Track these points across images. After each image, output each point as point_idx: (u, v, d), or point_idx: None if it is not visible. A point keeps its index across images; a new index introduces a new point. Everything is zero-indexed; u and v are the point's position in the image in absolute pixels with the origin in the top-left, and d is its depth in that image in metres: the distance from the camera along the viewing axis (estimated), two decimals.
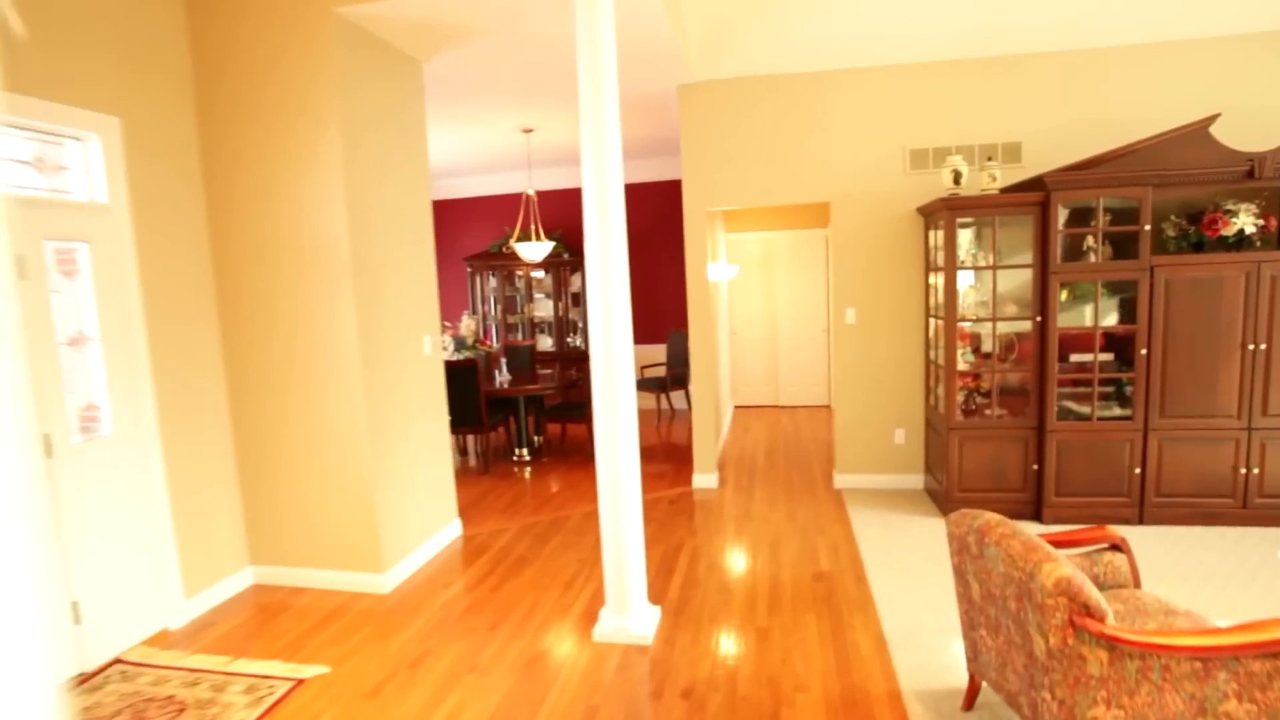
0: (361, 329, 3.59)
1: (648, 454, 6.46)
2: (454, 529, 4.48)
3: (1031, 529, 4.12)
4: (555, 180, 8.50)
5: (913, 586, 3.50)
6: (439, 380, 4.36)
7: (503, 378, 6.55)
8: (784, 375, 8.35)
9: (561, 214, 8.61)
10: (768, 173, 4.96)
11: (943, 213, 4.24)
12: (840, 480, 5.15)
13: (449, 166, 8.05)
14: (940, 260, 4.39)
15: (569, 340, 8.58)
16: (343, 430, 3.64)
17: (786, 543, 4.17)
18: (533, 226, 6.50)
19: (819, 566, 3.80)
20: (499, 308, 8.59)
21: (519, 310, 8.84)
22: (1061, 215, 4.06)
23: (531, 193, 6.29)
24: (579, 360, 8.21)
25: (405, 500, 3.93)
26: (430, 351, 4.25)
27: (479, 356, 6.64)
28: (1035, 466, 4.21)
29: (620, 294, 3.06)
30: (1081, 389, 4.16)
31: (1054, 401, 4.09)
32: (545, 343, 8.62)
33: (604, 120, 2.94)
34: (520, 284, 8.64)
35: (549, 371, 7.14)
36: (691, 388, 5.26)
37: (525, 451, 6.42)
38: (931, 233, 4.69)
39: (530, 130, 6.27)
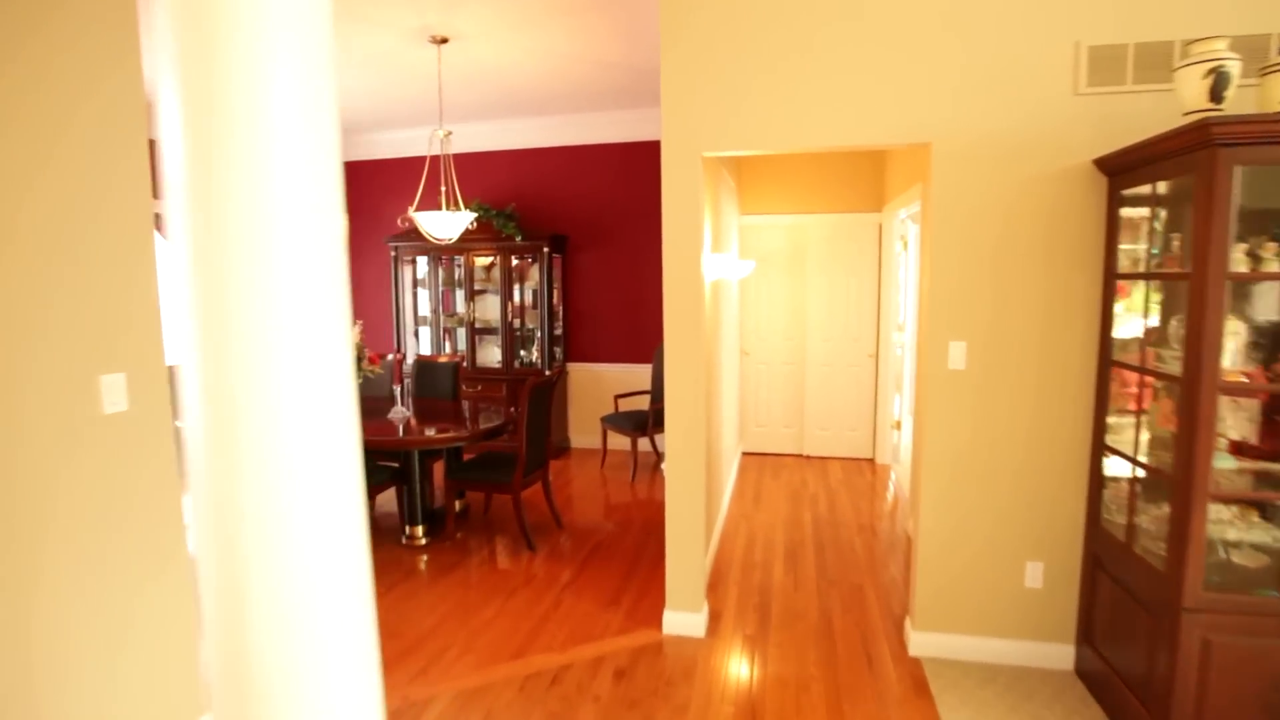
0: None
1: (602, 546, 4.26)
2: None
3: None
4: (512, 134, 6.30)
5: None
6: (165, 460, 2.18)
7: (398, 414, 4.37)
8: (813, 414, 6.11)
9: (521, 179, 6.41)
10: (812, 90, 2.73)
11: (1197, 153, 1.99)
12: (921, 642, 2.91)
13: (367, 116, 5.87)
14: (1141, 253, 2.17)
15: (522, 355, 6.38)
16: None
17: None
18: (444, 189, 4.31)
19: None
20: (434, 306, 6.41)
21: (452, 310, 6.66)
22: None
23: (441, 134, 4.11)
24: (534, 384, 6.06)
25: None
26: (124, 405, 2.07)
27: (359, 382, 4.44)
28: None
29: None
30: None
31: None
32: (490, 356, 6.44)
33: None
34: (460, 274, 6.45)
35: (477, 405, 4.94)
36: (665, 443, 3.07)
37: (420, 531, 4.24)
38: (1128, 209, 2.46)
39: (443, 40, 4.08)
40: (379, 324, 6.99)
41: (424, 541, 4.22)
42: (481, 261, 6.31)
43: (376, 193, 6.78)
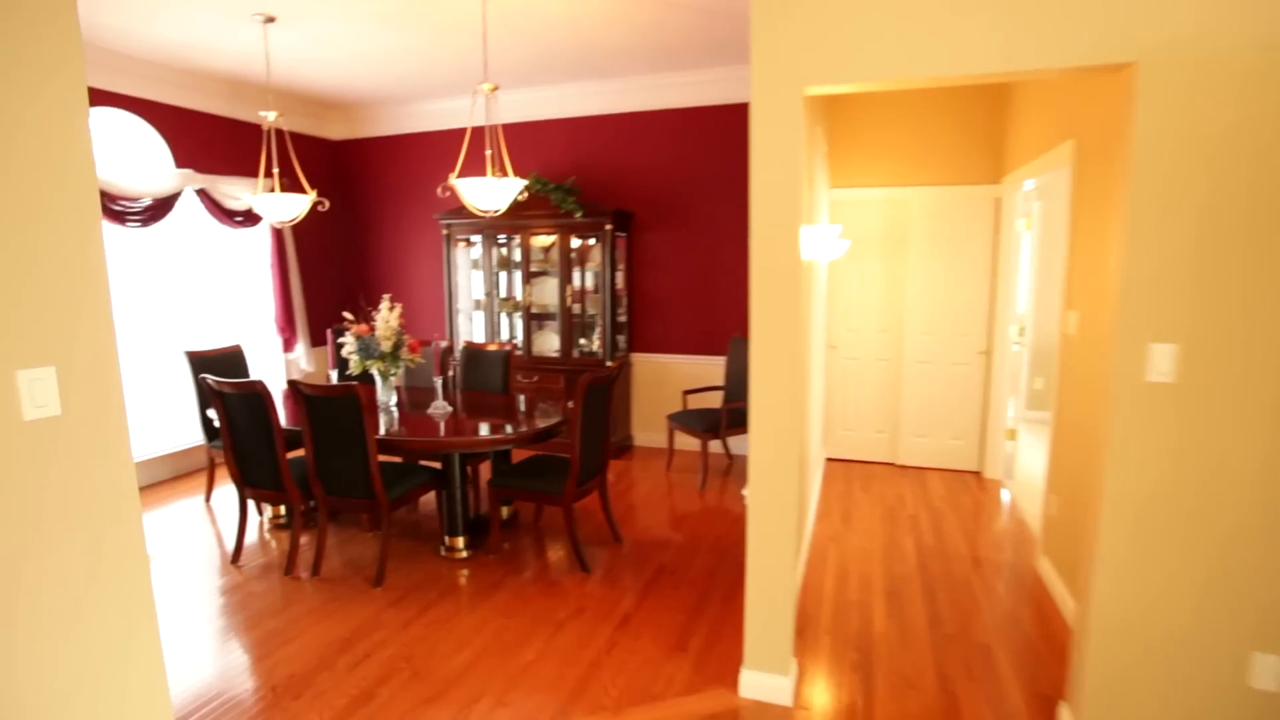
0: None
1: (666, 569, 3.67)
2: None
3: None
4: (570, 100, 5.73)
5: None
6: (117, 482, 1.70)
7: (438, 410, 3.89)
8: (909, 418, 5.33)
9: (581, 149, 5.84)
10: None
11: None
12: None
13: (413, 84, 5.41)
14: None
15: (581, 344, 5.84)
16: None
17: None
18: (489, 152, 3.73)
19: None
20: (488, 289, 5.94)
21: (509, 294, 6.18)
22: None
23: (486, 89, 3.54)
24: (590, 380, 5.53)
25: None
26: (39, 411, 1.59)
27: (397, 372, 4.00)
28: None
29: None
30: None
31: None
32: (548, 345, 5.93)
33: None
34: (516, 254, 5.95)
35: (533, 400, 4.43)
36: (748, 463, 2.44)
37: (461, 542, 3.76)
38: None
39: None
40: (430, 307, 6.59)
41: (464, 554, 3.74)
42: (539, 242, 5.78)
43: (427, 167, 6.34)
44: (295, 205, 4.20)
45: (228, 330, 5.66)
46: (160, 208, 5.03)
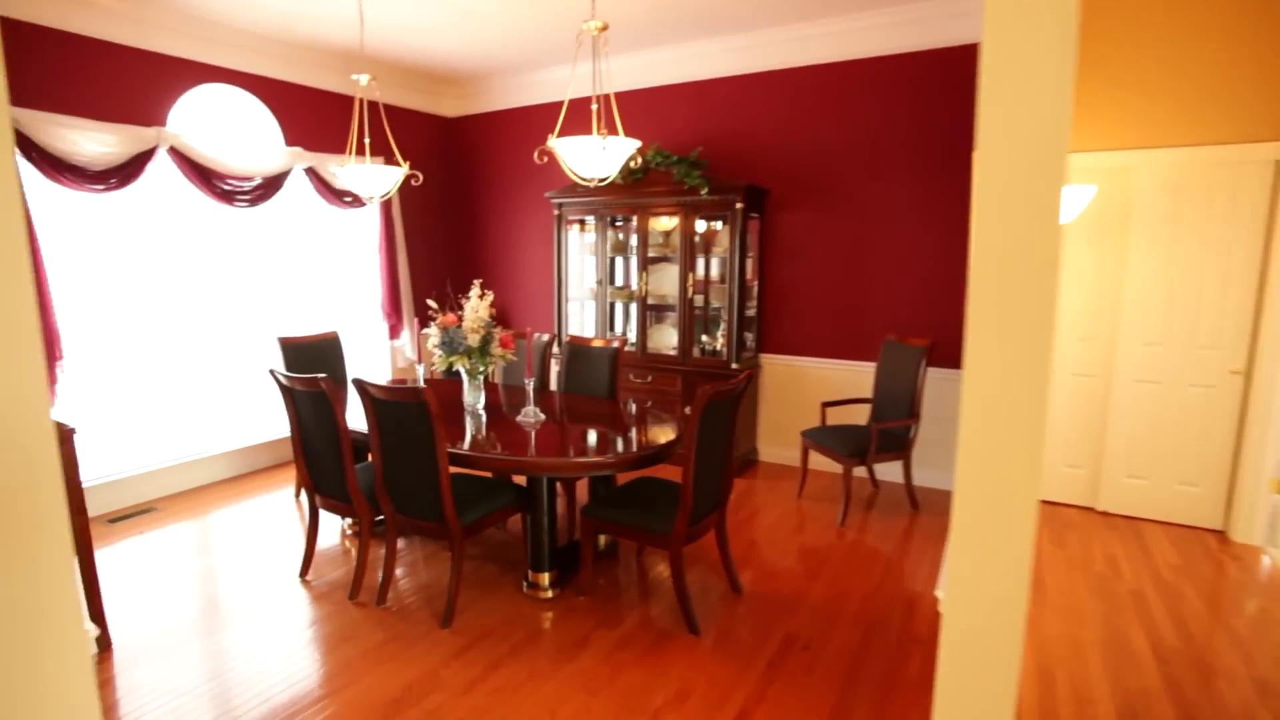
0: None
1: (797, 639, 2.85)
2: None
3: None
4: (694, 60, 4.96)
5: None
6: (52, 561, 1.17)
7: (528, 417, 3.29)
8: (1119, 452, 4.12)
9: (709, 117, 5.06)
10: None
11: None
12: None
13: (519, 54, 4.86)
14: None
15: (703, 341, 5.08)
16: None
17: None
18: (595, 106, 3.01)
19: None
20: (600, 277, 5.32)
21: (623, 281, 5.52)
22: None
23: (593, 28, 2.84)
24: (710, 394, 4.77)
25: None
26: None
27: (486, 370, 3.44)
28: None
29: None
30: None
31: None
32: (665, 341, 5.22)
33: None
34: (632, 238, 5.28)
35: (644, 407, 3.74)
36: (952, 527, 1.59)
37: (546, 580, 3.14)
38: None
39: None
40: (539, 296, 6.09)
41: (550, 594, 3.11)
42: (659, 225, 5.08)
43: (540, 141, 5.80)
44: (387, 179, 3.76)
45: (332, 316, 5.43)
46: (268, 187, 4.82)
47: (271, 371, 3.09)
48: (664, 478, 3.30)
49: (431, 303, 3.50)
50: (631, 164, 4.79)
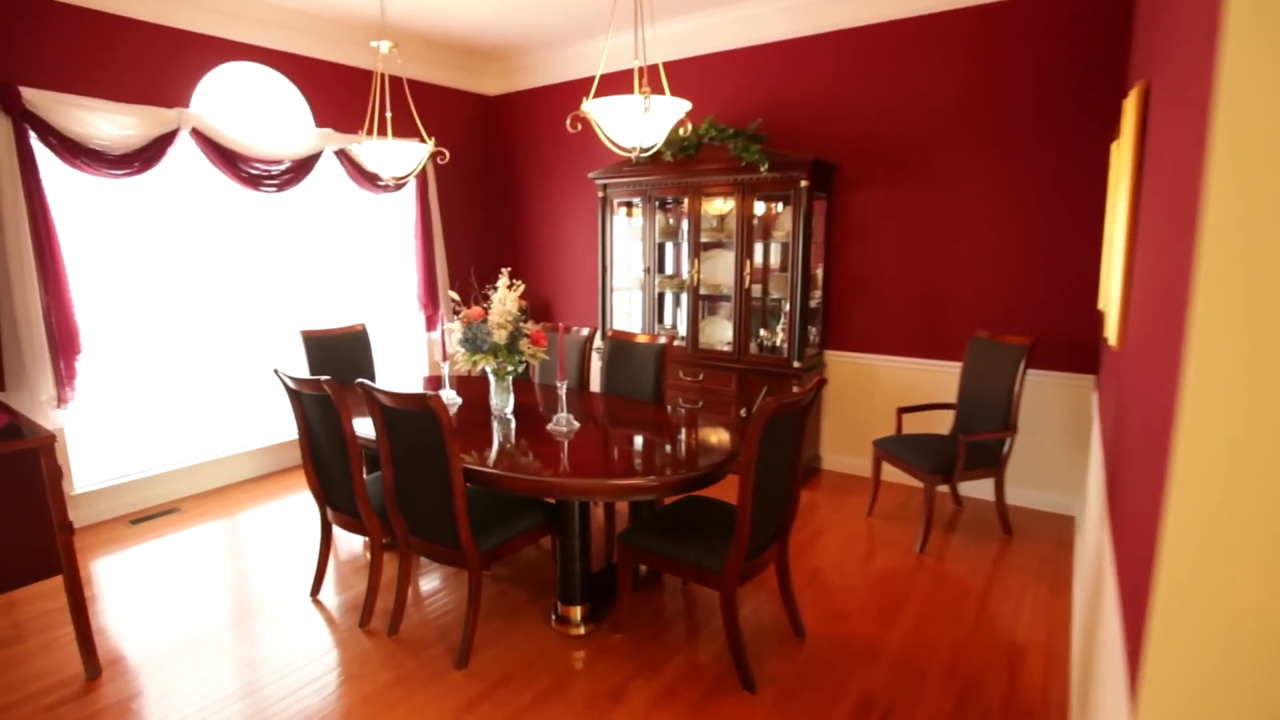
0: None
1: (874, 703, 2.37)
2: None
3: None
4: (752, 23, 4.42)
5: None
6: None
7: (559, 426, 2.88)
8: None
9: (769, 85, 4.53)
10: None
11: None
12: None
13: (558, 24, 4.43)
14: None
15: (761, 336, 4.58)
16: None
17: None
18: (637, 58, 2.56)
19: None
20: (648, 264, 4.87)
21: (674, 270, 5.06)
22: None
23: None
24: (772, 409, 4.29)
25: None
26: None
27: (516, 370, 3.06)
28: None
29: None
30: None
31: None
32: (718, 335, 4.74)
33: None
34: (684, 222, 4.81)
35: (693, 412, 3.29)
36: (1153, 608, 1.09)
37: (578, 614, 2.74)
38: None
39: None
40: (584, 287, 5.69)
41: (581, 630, 2.71)
42: (713, 208, 4.59)
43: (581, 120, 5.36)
44: (410, 155, 3.40)
45: (365, 309, 5.16)
46: (298, 170, 4.55)
47: (276, 371, 2.78)
48: (717, 498, 2.85)
49: (453, 294, 3.13)
50: (682, 138, 4.32)
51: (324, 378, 2.53)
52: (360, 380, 2.46)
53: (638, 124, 2.42)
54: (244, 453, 4.52)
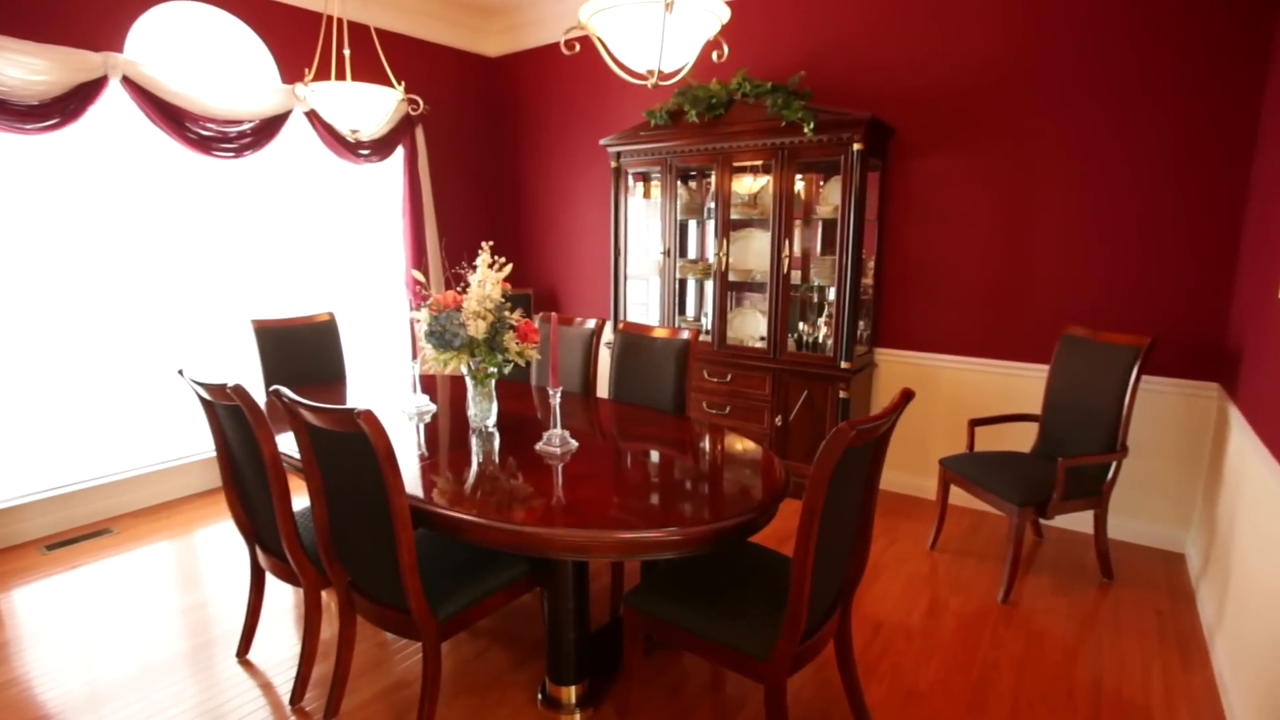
0: None
1: None
2: None
3: None
4: None
5: None
6: None
7: (551, 447, 2.22)
8: None
9: (814, 36, 3.82)
10: None
11: None
12: None
13: None
14: None
15: (801, 330, 3.88)
16: None
17: None
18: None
19: None
20: (667, 246, 4.18)
21: (698, 253, 4.37)
22: None
23: None
24: (841, 445, 3.58)
25: None
26: None
27: (497, 373, 2.41)
28: None
29: None
30: None
31: None
32: (750, 328, 4.05)
33: None
34: (709, 198, 4.11)
35: (717, 424, 2.62)
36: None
37: (571, 696, 2.08)
38: None
39: None
40: (595, 273, 5.02)
41: (576, 716, 2.05)
42: (742, 188, 3.90)
43: (594, 79, 4.67)
44: (375, 103, 2.74)
45: (342, 295, 4.53)
46: (260, 133, 3.92)
47: (180, 372, 2.14)
48: (756, 542, 2.18)
49: (418, 274, 2.46)
50: (710, 93, 3.62)
51: (229, 384, 1.88)
52: (275, 387, 1.81)
53: (656, 34, 1.74)
54: (193, 461, 3.90)
